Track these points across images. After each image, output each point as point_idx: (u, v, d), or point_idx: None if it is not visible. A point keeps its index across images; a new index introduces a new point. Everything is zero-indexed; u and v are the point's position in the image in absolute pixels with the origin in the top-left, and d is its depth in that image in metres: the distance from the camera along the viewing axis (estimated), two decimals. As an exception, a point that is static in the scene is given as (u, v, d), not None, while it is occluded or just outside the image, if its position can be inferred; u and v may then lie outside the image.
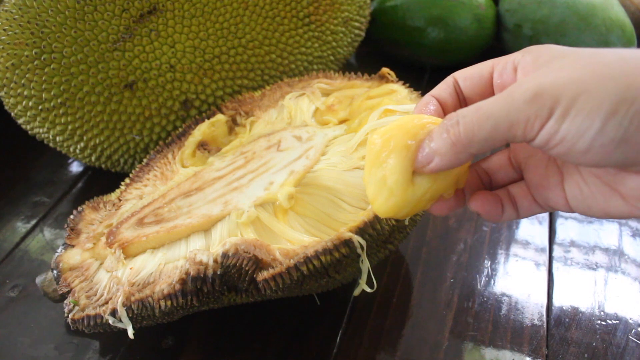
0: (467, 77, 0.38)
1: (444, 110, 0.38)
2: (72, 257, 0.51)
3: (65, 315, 0.48)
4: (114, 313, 0.45)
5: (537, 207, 0.38)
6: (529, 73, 0.33)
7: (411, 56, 0.89)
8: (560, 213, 0.66)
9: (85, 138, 0.62)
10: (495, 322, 0.54)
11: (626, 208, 0.33)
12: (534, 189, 0.37)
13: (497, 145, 0.32)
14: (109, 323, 0.45)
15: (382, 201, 0.35)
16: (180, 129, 0.60)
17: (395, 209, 0.35)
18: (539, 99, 0.29)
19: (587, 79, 0.29)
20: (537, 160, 0.37)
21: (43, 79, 0.58)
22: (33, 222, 0.66)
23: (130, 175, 0.57)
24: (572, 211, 0.36)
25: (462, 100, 0.38)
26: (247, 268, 0.44)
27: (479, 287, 0.57)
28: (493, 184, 0.40)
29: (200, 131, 0.58)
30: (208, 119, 0.59)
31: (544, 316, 0.54)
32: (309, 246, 0.44)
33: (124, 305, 0.45)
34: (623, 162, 0.30)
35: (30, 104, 0.60)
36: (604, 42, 0.78)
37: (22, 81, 0.59)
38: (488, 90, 0.37)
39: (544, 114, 0.29)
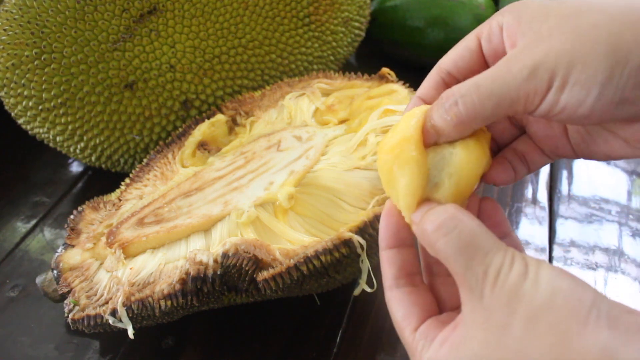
0: (456, 60, 0.37)
1: None
2: (72, 257, 0.51)
3: (65, 315, 0.48)
4: (114, 313, 0.45)
5: (546, 158, 0.38)
6: (515, 35, 0.33)
7: (411, 56, 0.89)
8: (561, 213, 0.66)
9: (85, 138, 0.62)
10: (495, 322, 0.54)
11: (629, 150, 0.34)
12: (539, 141, 0.38)
13: (498, 119, 0.33)
14: (109, 323, 0.46)
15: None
16: (180, 129, 0.60)
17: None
18: (536, 75, 0.30)
19: (577, 46, 0.29)
20: None
21: (43, 79, 0.58)
22: (33, 222, 0.66)
23: (130, 175, 0.57)
24: (578, 157, 0.37)
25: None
26: (247, 268, 0.44)
27: (479, 287, 0.57)
28: (499, 145, 0.40)
29: (200, 131, 0.58)
30: (208, 119, 0.59)
31: (544, 316, 0.54)
32: (309, 246, 0.44)
33: (124, 305, 0.45)
34: (626, 117, 0.31)
35: (30, 104, 0.60)
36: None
37: (22, 81, 0.59)
38: (480, 62, 0.36)
39: (542, 88, 0.30)
